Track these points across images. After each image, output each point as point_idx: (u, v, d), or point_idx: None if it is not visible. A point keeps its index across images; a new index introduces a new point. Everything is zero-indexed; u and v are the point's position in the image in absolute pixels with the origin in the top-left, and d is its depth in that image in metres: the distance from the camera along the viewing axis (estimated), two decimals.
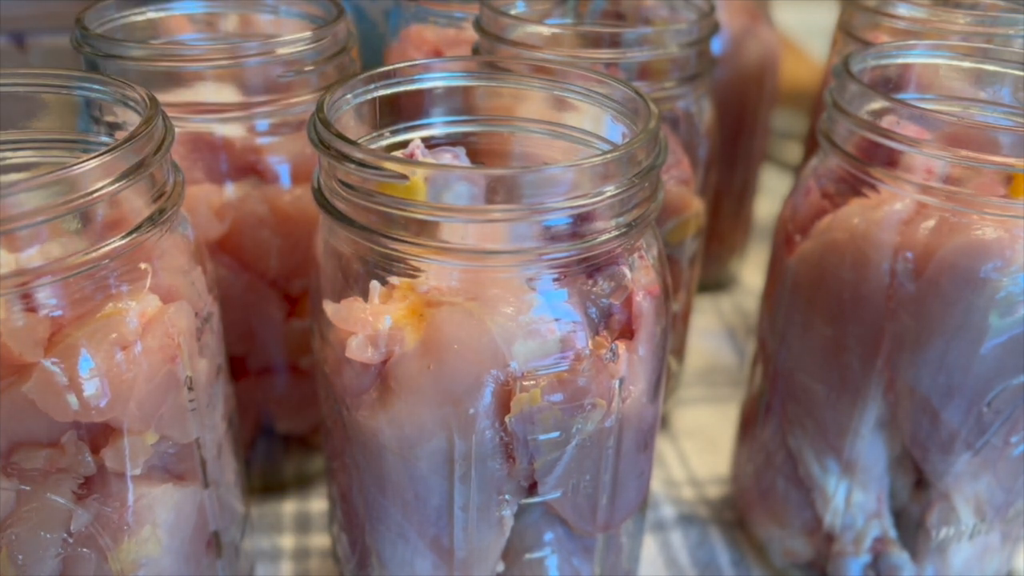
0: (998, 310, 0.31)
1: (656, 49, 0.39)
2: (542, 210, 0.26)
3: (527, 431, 0.28)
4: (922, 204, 0.32)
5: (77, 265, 0.26)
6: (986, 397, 0.33)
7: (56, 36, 0.45)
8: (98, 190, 0.25)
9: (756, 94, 0.59)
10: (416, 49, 0.46)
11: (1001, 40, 0.41)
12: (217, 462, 0.33)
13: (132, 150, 0.26)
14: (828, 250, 0.34)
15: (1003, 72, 0.36)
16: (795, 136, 0.74)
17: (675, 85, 0.41)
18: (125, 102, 0.30)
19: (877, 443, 0.35)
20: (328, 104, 0.29)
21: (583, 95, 0.32)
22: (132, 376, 0.27)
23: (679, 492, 0.47)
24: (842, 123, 0.33)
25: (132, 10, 0.40)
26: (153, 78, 0.35)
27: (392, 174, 0.26)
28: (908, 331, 0.32)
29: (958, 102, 0.36)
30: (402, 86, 0.32)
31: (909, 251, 0.32)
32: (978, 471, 0.34)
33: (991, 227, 0.31)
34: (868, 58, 0.36)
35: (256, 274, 0.40)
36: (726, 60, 0.56)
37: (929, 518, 0.36)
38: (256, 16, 0.43)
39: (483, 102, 0.33)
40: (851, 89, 0.33)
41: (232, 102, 0.36)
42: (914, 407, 0.33)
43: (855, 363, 0.34)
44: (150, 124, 0.27)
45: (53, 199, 0.24)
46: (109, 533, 0.28)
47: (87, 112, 0.31)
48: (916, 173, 0.31)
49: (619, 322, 0.29)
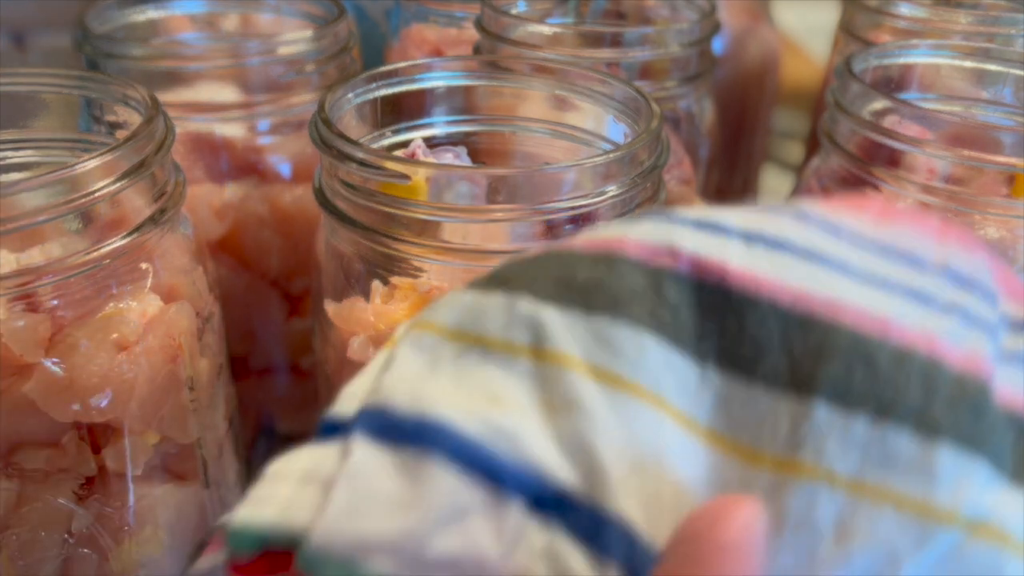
0: None
1: (657, 49, 0.39)
2: (544, 210, 0.26)
3: None
4: (924, 204, 0.32)
5: (78, 265, 0.26)
6: None
7: (57, 36, 0.45)
8: (99, 190, 0.25)
9: (757, 94, 0.59)
10: (417, 48, 0.46)
11: (1003, 40, 0.41)
12: (218, 462, 0.33)
13: (133, 150, 0.26)
14: None
15: (1005, 72, 0.36)
16: (796, 136, 0.73)
17: (676, 85, 0.41)
18: (126, 102, 0.30)
19: None
20: (329, 104, 0.29)
21: (585, 95, 0.32)
22: (133, 376, 0.27)
23: None
24: (844, 123, 0.33)
25: (133, 9, 0.40)
26: (154, 78, 0.35)
27: (393, 174, 0.26)
28: None
29: (960, 102, 0.36)
30: (403, 86, 0.32)
31: None
32: None
33: (993, 227, 0.31)
34: (870, 58, 0.36)
35: (257, 274, 0.39)
36: (727, 60, 0.56)
37: None
38: (257, 15, 0.43)
39: (484, 102, 0.33)
40: (853, 89, 0.33)
41: (233, 102, 0.37)
42: None
43: None
44: (151, 124, 0.27)
45: (54, 199, 0.24)
46: (110, 533, 0.28)
47: (88, 112, 0.31)
48: (918, 173, 0.31)
49: None
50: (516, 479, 0.18)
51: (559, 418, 0.19)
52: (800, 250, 0.21)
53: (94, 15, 0.38)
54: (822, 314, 0.20)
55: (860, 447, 0.19)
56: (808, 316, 0.20)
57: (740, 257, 0.20)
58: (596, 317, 0.20)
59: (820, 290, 0.20)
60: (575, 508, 0.18)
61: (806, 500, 0.19)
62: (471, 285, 0.21)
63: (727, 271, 0.20)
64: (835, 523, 0.19)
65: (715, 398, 0.20)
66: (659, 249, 0.21)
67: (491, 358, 0.20)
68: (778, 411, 0.19)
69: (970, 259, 0.22)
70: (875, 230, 0.22)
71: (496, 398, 0.19)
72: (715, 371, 0.20)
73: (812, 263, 0.21)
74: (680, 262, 0.20)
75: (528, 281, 0.20)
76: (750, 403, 0.20)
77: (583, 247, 0.21)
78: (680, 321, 0.20)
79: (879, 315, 0.20)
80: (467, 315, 0.20)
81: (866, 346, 0.20)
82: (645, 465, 0.19)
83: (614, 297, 0.20)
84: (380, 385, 0.20)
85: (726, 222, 0.21)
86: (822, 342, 0.20)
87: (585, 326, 0.20)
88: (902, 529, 0.19)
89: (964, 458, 0.19)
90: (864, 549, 0.19)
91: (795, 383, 0.19)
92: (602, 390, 0.19)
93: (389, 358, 0.20)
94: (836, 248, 0.21)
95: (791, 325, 0.20)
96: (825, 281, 0.20)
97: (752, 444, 0.19)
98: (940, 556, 0.19)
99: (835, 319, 0.20)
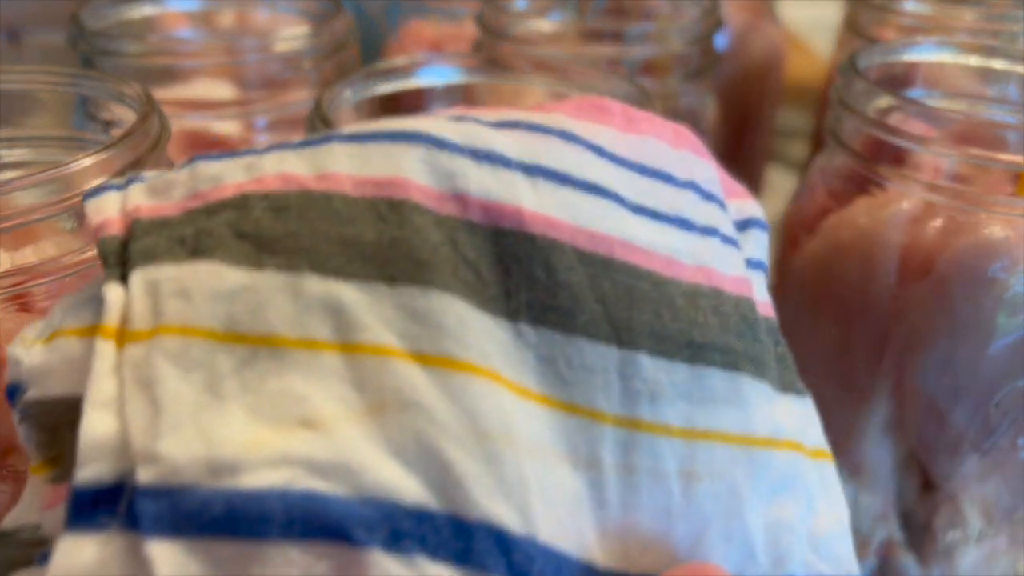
0: (1006, 310, 0.31)
1: (659, 46, 0.39)
2: None
3: None
4: (929, 203, 0.31)
5: (72, 265, 0.25)
6: (993, 398, 0.32)
7: (52, 33, 0.45)
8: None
9: (760, 91, 0.59)
10: (416, 45, 0.45)
11: (1008, 37, 0.41)
12: None
13: (128, 148, 0.26)
14: (834, 249, 0.34)
15: (1010, 69, 0.36)
16: (800, 134, 0.73)
17: (678, 82, 0.40)
18: (121, 99, 0.30)
19: (883, 445, 0.35)
20: (327, 101, 0.29)
21: (585, 92, 0.32)
22: None
23: None
24: (848, 121, 0.33)
25: (128, 6, 0.40)
26: (149, 75, 0.34)
27: None
28: (915, 331, 0.32)
29: (965, 99, 0.36)
30: (402, 83, 0.32)
31: (916, 250, 0.31)
32: (985, 473, 0.34)
33: (999, 226, 0.30)
34: (874, 55, 0.36)
35: None
36: (730, 57, 0.56)
37: (936, 521, 0.36)
38: (253, 12, 0.42)
39: (484, 99, 0.33)
40: (857, 86, 0.33)
41: (229, 99, 0.36)
42: (921, 408, 0.33)
43: (861, 364, 0.34)
44: (146, 121, 0.27)
45: (48, 197, 0.24)
46: None
47: (82, 109, 0.31)
48: (923, 171, 0.31)
49: None
50: (365, 522, 0.15)
51: (391, 423, 0.16)
52: (580, 183, 0.20)
53: (89, 12, 0.38)
54: (621, 256, 0.19)
55: (686, 395, 0.19)
56: (609, 259, 0.19)
57: (531, 198, 0.19)
58: (403, 289, 0.17)
59: (611, 229, 0.20)
60: (437, 528, 0.16)
61: (651, 454, 0.18)
62: (216, 252, 0.17)
63: (523, 216, 0.18)
64: (679, 472, 0.19)
65: (538, 359, 0.18)
66: (443, 194, 0.18)
67: (288, 363, 0.16)
68: (607, 366, 0.19)
69: (704, 166, 0.23)
70: (626, 142, 0.22)
71: (310, 419, 0.15)
72: (531, 329, 0.18)
73: (595, 196, 0.20)
74: (470, 209, 0.18)
75: (305, 247, 0.17)
76: (576, 359, 0.18)
77: (352, 187, 0.18)
78: (484, 279, 0.18)
79: (664, 253, 0.20)
80: (238, 307, 0.16)
81: (665, 288, 0.20)
82: (498, 453, 0.16)
83: (417, 260, 0.17)
84: (155, 440, 0.15)
85: (503, 150, 0.19)
86: (629, 287, 0.19)
87: (393, 303, 0.17)
88: (735, 462, 0.19)
89: (758, 381, 0.20)
90: (709, 492, 0.19)
91: (616, 333, 0.19)
92: (433, 378, 0.16)
93: (145, 384, 0.15)
94: (606, 173, 0.20)
95: (597, 270, 0.19)
96: (613, 218, 0.20)
97: (589, 404, 0.18)
98: (766, 478, 0.20)
99: (633, 261, 0.19)
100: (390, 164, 0.18)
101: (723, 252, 0.22)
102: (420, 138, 0.18)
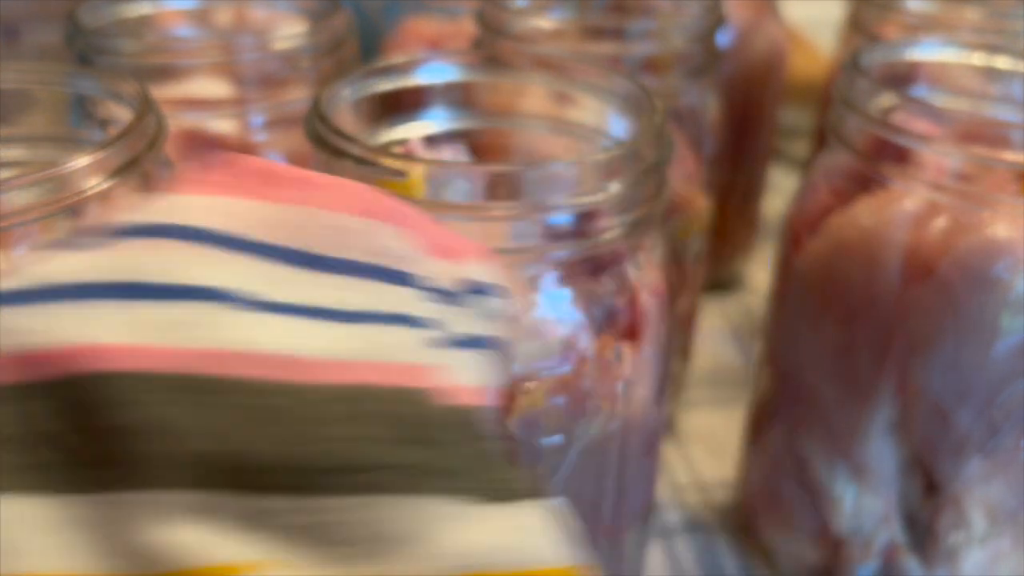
0: (1010, 310, 0.30)
1: (660, 43, 0.39)
2: (544, 208, 0.26)
3: (531, 435, 0.28)
4: (933, 202, 0.31)
5: None
6: (997, 399, 0.32)
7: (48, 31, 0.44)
8: (90, 188, 0.25)
9: (763, 89, 0.58)
10: (415, 43, 0.45)
11: (1011, 35, 0.41)
12: None
13: (124, 146, 0.26)
14: (837, 249, 0.33)
15: (1014, 67, 0.36)
16: (803, 132, 0.73)
17: (680, 80, 0.40)
18: (117, 97, 0.29)
19: (887, 446, 0.35)
20: (326, 99, 0.29)
21: (586, 90, 0.32)
22: None
23: (684, 497, 0.46)
24: (851, 119, 0.33)
25: (125, 5, 0.39)
26: (146, 73, 0.34)
27: (390, 170, 0.26)
28: (918, 332, 0.32)
29: (968, 98, 0.36)
30: (401, 81, 0.32)
31: (919, 250, 0.31)
32: (989, 475, 0.34)
33: (1003, 226, 0.30)
34: (877, 53, 0.36)
35: None
36: (732, 54, 0.56)
37: (939, 523, 0.35)
38: (251, 10, 0.42)
39: (484, 97, 0.33)
40: (860, 84, 0.33)
41: (226, 97, 0.36)
42: (924, 409, 0.33)
43: (864, 364, 0.34)
44: (143, 120, 0.27)
45: (44, 197, 0.24)
46: None
47: (79, 108, 0.31)
48: (927, 170, 0.31)
49: (622, 323, 0.29)
50: None
51: None
52: (179, 290, 0.17)
53: (86, 10, 0.37)
54: (236, 371, 0.16)
55: (340, 540, 0.16)
56: (218, 379, 0.16)
57: (104, 328, 0.16)
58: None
59: (223, 340, 0.16)
60: None
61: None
62: None
63: (94, 353, 0.16)
64: None
65: (104, 535, 0.15)
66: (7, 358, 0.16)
67: None
68: (223, 518, 0.15)
69: (395, 237, 0.20)
70: (278, 219, 0.18)
71: None
72: (93, 497, 0.15)
73: (201, 303, 0.17)
74: (51, 362, 0.15)
75: None
76: (157, 520, 0.15)
77: None
78: (57, 448, 0.15)
79: (307, 356, 0.17)
80: None
81: (303, 398, 0.16)
82: None
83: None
84: None
85: (59, 279, 0.17)
86: (249, 408, 0.16)
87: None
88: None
89: (444, 499, 0.17)
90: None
91: (225, 476, 0.15)
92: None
93: None
94: (229, 269, 0.17)
95: (198, 397, 0.16)
96: (226, 325, 0.17)
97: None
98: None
99: (255, 375, 0.16)
100: None
101: (402, 339, 0.18)
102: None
